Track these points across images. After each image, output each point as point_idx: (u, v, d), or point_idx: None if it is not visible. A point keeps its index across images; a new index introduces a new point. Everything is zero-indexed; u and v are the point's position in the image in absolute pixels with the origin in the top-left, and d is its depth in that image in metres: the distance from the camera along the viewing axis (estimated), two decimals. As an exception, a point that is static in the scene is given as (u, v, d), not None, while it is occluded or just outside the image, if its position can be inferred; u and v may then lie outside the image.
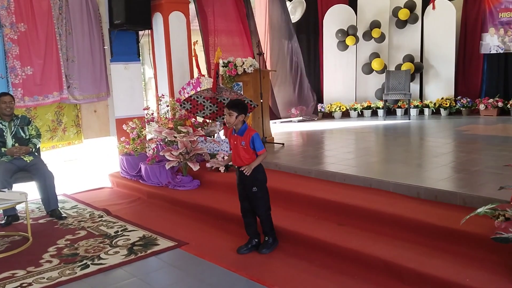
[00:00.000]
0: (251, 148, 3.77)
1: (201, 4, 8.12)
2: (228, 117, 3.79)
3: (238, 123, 3.80)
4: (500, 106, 9.22)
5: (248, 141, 3.76)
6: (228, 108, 3.79)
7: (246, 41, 8.67)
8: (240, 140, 3.80)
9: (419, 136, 7.67)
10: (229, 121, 3.80)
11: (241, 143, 3.78)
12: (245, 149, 3.78)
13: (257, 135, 3.81)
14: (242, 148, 3.79)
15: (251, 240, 3.94)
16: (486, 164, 5.06)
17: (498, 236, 2.76)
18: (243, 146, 3.78)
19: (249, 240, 3.95)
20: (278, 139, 7.16)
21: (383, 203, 4.06)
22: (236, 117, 3.77)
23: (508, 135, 7.20)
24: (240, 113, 3.78)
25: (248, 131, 3.79)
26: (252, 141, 3.75)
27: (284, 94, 9.78)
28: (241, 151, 3.80)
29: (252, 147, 3.77)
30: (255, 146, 3.77)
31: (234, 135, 3.86)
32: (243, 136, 3.78)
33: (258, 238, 3.95)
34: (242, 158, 3.81)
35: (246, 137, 3.77)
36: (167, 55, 7.05)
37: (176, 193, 5.46)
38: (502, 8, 9.33)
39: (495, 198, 3.41)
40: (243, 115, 3.82)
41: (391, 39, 10.19)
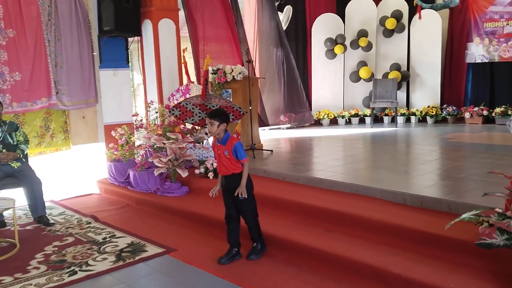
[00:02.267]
0: (234, 157, 3.78)
1: (191, 12, 8.15)
2: (209, 127, 3.78)
3: (220, 132, 3.79)
4: (485, 115, 9.37)
5: (230, 150, 3.77)
6: (210, 117, 3.77)
7: (235, 49, 8.72)
8: (223, 149, 3.80)
9: (405, 143, 7.77)
10: (210, 130, 3.79)
11: (224, 152, 3.80)
12: (228, 158, 3.79)
13: (240, 144, 3.83)
14: (225, 157, 3.80)
15: (231, 249, 3.92)
16: (471, 171, 5.15)
17: (482, 242, 2.82)
18: (226, 155, 3.79)
19: (229, 249, 3.92)
20: (267, 146, 7.20)
21: (370, 209, 4.11)
22: (217, 126, 3.75)
23: (493, 143, 7.33)
24: (222, 122, 3.77)
25: (230, 140, 3.80)
26: (235, 150, 3.77)
27: (273, 101, 9.84)
28: (225, 160, 3.81)
29: (235, 156, 3.77)
30: (237, 155, 3.78)
31: (217, 145, 3.86)
32: (226, 145, 3.79)
33: (238, 247, 3.94)
34: (227, 166, 3.82)
35: (229, 146, 3.78)
36: (156, 61, 7.05)
37: (164, 200, 5.46)
38: (487, 18, 9.51)
39: (480, 205, 3.47)
40: (225, 124, 3.81)
41: (378, 48, 10.32)
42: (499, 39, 9.39)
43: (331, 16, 10.31)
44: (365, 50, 10.09)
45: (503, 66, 9.48)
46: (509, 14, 9.19)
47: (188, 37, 8.19)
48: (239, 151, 3.77)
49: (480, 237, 2.87)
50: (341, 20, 10.28)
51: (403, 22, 9.96)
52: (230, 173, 3.83)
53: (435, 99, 9.90)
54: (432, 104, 9.83)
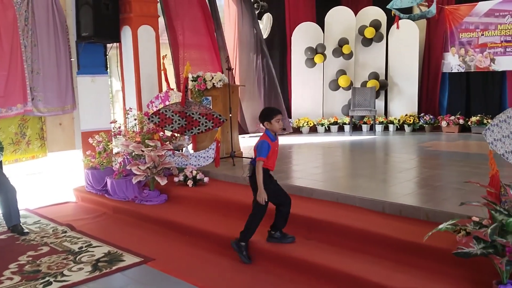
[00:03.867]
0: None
1: (170, 19, 8.12)
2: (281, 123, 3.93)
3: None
4: (461, 123, 9.54)
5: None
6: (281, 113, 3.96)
7: (215, 56, 8.71)
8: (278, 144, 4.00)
9: (384, 151, 7.85)
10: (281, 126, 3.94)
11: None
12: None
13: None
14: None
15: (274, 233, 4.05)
16: (449, 180, 5.22)
17: (460, 251, 2.84)
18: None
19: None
20: (247, 154, 7.18)
21: (349, 217, 4.13)
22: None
23: (469, 151, 7.46)
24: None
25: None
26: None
27: (253, 109, 9.84)
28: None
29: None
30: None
31: (275, 142, 3.96)
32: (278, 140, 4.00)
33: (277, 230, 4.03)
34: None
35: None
36: (135, 68, 7.00)
37: (142, 208, 5.38)
38: (463, 28, 9.71)
39: (457, 213, 3.52)
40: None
41: (357, 56, 10.43)
42: (475, 49, 9.59)
43: (310, 25, 10.39)
44: (346, 58, 10.19)
45: (478, 76, 9.68)
46: (484, 25, 9.41)
47: (168, 44, 8.15)
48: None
49: (458, 246, 2.89)
50: (321, 29, 10.37)
51: (381, 32, 10.10)
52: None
53: (412, 107, 10.04)
54: (409, 113, 9.96)
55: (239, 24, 9.61)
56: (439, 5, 9.58)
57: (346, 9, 10.38)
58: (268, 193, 3.83)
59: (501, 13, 9.16)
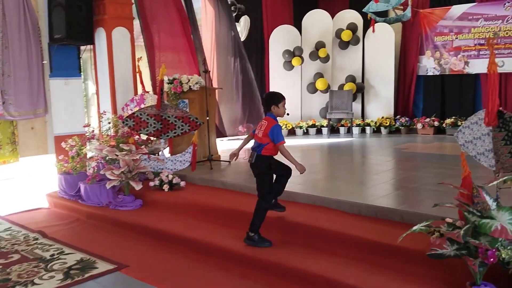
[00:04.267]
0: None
1: (146, 21, 8.04)
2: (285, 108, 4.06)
3: None
4: (436, 125, 9.68)
5: None
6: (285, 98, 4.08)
7: (192, 58, 8.64)
8: None
9: (361, 154, 7.89)
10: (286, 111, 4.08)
11: None
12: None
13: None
14: None
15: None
16: (424, 181, 5.27)
17: (433, 252, 2.85)
18: None
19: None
20: (225, 157, 7.13)
21: (326, 220, 4.12)
22: None
23: (444, 153, 7.55)
24: None
25: None
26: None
27: (231, 112, 9.80)
28: None
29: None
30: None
31: None
32: None
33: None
34: None
35: None
36: (110, 71, 6.89)
37: (117, 214, 5.28)
38: (437, 32, 9.86)
39: (431, 215, 3.53)
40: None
41: (334, 59, 10.49)
42: (449, 52, 9.74)
43: (288, 27, 10.41)
44: (323, 61, 10.23)
45: (453, 79, 9.83)
46: (458, 28, 9.56)
47: (144, 46, 8.05)
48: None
49: (432, 247, 2.90)
50: (298, 32, 10.40)
51: (358, 35, 10.18)
52: None
53: (389, 110, 10.14)
54: (386, 115, 10.06)
55: (216, 26, 9.56)
56: (414, 8, 9.71)
57: (323, 12, 10.44)
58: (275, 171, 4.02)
59: (474, 17, 9.33)
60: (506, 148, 3.26)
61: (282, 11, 10.87)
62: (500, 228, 2.61)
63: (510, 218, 2.66)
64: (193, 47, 8.67)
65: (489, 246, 2.66)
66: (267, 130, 3.93)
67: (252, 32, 10.27)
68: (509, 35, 8.94)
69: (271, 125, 3.93)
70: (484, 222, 2.69)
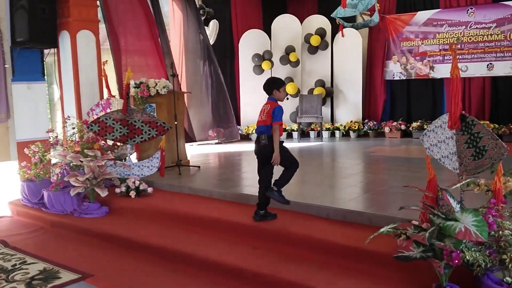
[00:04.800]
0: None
1: (112, 24, 7.90)
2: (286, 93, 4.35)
3: None
4: (403, 129, 9.86)
5: None
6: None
7: (159, 62, 8.54)
8: None
9: (331, 157, 7.95)
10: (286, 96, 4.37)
11: None
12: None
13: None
14: None
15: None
16: (391, 184, 5.33)
17: (400, 254, 2.87)
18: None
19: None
20: (195, 162, 7.07)
21: (296, 224, 4.11)
22: None
23: (410, 156, 7.68)
24: None
25: None
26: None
27: (201, 116, 9.73)
28: None
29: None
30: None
31: None
32: None
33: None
34: None
35: None
36: (74, 75, 6.73)
37: (82, 221, 5.14)
38: (404, 37, 10.06)
39: (398, 217, 3.56)
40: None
41: (304, 64, 10.56)
42: (415, 58, 9.95)
43: (257, 32, 10.43)
44: (293, 66, 10.28)
45: (419, 83, 10.04)
46: (423, 33, 9.78)
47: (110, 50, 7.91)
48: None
49: (398, 249, 2.92)
50: (268, 36, 10.42)
51: (326, 40, 10.27)
52: None
53: (357, 114, 10.26)
54: (354, 119, 10.18)
55: (184, 30, 9.49)
56: (380, 14, 9.89)
57: (292, 17, 10.51)
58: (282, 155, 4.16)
59: (439, 23, 9.56)
60: (468, 151, 3.31)
61: (251, 15, 10.89)
62: (464, 230, 2.64)
63: (473, 220, 2.69)
64: (160, 51, 8.57)
65: (454, 248, 2.69)
66: (270, 110, 4.16)
67: (222, 36, 10.24)
68: (472, 40, 9.20)
69: (273, 106, 4.19)
70: (448, 224, 2.72)
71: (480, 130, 3.26)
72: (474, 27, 9.16)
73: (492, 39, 9.01)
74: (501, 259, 2.70)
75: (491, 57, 9.05)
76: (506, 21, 8.78)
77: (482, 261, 2.67)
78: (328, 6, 10.23)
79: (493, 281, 2.73)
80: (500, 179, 2.98)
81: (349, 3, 9.16)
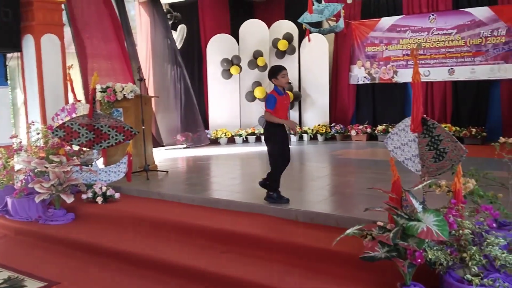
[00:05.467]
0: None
1: (77, 27, 7.78)
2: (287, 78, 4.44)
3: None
4: (369, 132, 10.06)
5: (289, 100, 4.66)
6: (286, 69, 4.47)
7: (126, 67, 8.46)
8: (289, 99, 4.65)
9: (299, 161, 8.02)
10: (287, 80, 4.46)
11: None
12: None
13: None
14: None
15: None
16: (357, 186, 5.44)
17: (366, 255, 2.94)
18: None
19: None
20: (163, 167, 7.02)
21: (264, 228, 4.15)
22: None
23: (376, 158, 7.86)
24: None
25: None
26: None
27: (169, 121, 9.67)
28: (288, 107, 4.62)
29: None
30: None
31: (283, 96, 4.47)
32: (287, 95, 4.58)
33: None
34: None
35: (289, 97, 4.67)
36: (38, 79, 6.59)
37: (47, 228, 5.02)
38: (368, 43, 10.28)
39: (364, 219, 3.65)
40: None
41: (272, 68, 10.62)
42: (379, 62, 10.18)
43: (225, 36, 10.45)
44: (261, 70, 10.35)
45: (383, 87, 10.28)
46: (387, 39, 10.02)
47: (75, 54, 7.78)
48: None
49: (365, 250, 2.99)
50: (235, 41, 10.46)
51: (293, 45, 10.39)
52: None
53: (324, 118, 10.42)
54: (322, 123, 10.33)
55: (152, 34, 9.43)
56: (346, 20, 10.07)
57: (260, 22, 10.58)
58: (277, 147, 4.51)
59: (402, 28, 9.82)
60: (430, 153, 3.43)
61: (219, 20, 10.90)
62: (426, 230, 2.74)
63: (435, 220, 2.79)
64: (126, 55, 8.49)
65: (417, 247, 2.78)
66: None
67: (189, 40, 10.21)
68: (434, 46, 9.49)
69: (268, 93, 4.51)
70: (411, 224, 2.81)
71: (441, 133, 3.39)
72: (435, 33, 9.45)
73: (453, 44, 9.32)
74: (462, 257, 2.81)
75: (452, 62, 9.36)
76: (466, 28, 9.10)
77: (444, 259, 2.77)
78: (295, 12, 10.33)
79: (454, 278, 2.84)
80: (460, 180, 3.09)
81: (315, 9, 9.29)
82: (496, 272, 2.75)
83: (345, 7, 9.82)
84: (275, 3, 11.48)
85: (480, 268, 2.78)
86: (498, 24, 8.76)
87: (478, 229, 2.85)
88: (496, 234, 2.80)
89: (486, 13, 8.86)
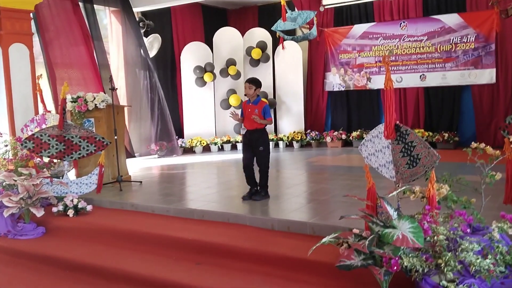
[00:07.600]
0: (261, 115, 5.03)
1: (46, 37, 7.62)
2: (247, 90, 5.08)
3: (254, 96, 5.10)
4: (343, 138, 10.13)
5: (260, 109, 5.05)
6: (249, 82, 5.11)
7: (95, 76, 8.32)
8: (254, 108, 5.04)
9: (275, 168, 7.98)
10: (248, 92, 5.09)
11: (255, 111, 5.00)
12: (256, 115, 4.99)
13: (268, 106, 5.21)
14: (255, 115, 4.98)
15: (251, 189, 5.18)
16: (333, 193, 5.45)
17: (342, 263, 2.92)
18: (256, 113, 4.99)
19: (250, 189, 5.18)
20: (136, 177, 6.91)
21: (240, 237, 4.11)
22: (254, 90, 5.07)
23: (351, 165, 7.90)
24: (257, 87, 5.12)
25: (261, 103, 5.14)
26: (264, 110, 5.07)
27: (142, 130, 9.54)
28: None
29: (263, 114, 5.04)
30: (265, 114, 5.05)
31: (249, 105, 5.12)
32: (257, 105, 5.08)
33: (256, 187, 5.18)
34: (253, 123, 5.03)
35: (260, 106, 5.07)
36: (7, 89, 6.43)
37: (17, 243, 4.86)
38: (342, 50, 10.38)
39: (340, 226, 3.64)
40: (259, 89, 5.17)
41: (246, 76, 10.58)
42: (353, 69, 10.28)
43: (199, 44, 10.40)
44: (234, 78, 10.32)
45: (357, 94, 10.38)
46: (360, 46, 10.14)
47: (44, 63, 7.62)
48: (267, 112, 5.10)
49: (341, 258, 2.97)
50: (209, 49, 10.42)
51: (267, 52, 10.41)
52: (254, 128, 5.09)
53: (300, 125, 10.45)
54: (297, 130, 10.35)
55: (124, 42, 9.30)
56: (319, 27, 10.15)
57: (233, 30, 10.57)
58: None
59: (374, 36, 9.94)
60: (404, 160, 3.45)
61: (192, 28, 10.85)
62: (401, 237, 2.73)
63: (410, 226, 2.79)
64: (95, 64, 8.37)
65: (392, 255, 2.77)
66: None
67: (163, 48, 10.11)
68: (406, 52, 9.64)
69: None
70: (386, 231, 2.81)
71: (414, 140, 3.41)
72: (407, 40, 9.60)
73: (424, 51, 9.48)
74: (437, 263, 2.81)
75: (423, 69, 9.51)
76: (436, 34, 9.28)
77: (419, 266, 2.76)
78: (269, 20, 10.38)
79: (430, 285, 2.83)
80: (433, 186, 3.11)
81: (288, 17, 9.33)
82: (471, 277, 2.76)
83: (317, 15, 9.90)
84: (249, 11, 11.51)
85: (455, 274, 2.79)
86: (468, 31, 8.96)
87: (453, 234, 2.86)
88: (470, 239, 2.81)
89: (456, 20, 9.06)
